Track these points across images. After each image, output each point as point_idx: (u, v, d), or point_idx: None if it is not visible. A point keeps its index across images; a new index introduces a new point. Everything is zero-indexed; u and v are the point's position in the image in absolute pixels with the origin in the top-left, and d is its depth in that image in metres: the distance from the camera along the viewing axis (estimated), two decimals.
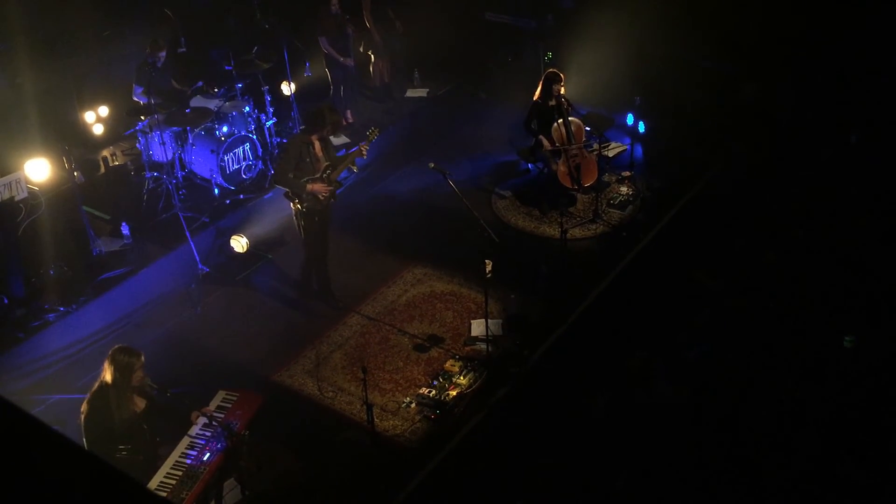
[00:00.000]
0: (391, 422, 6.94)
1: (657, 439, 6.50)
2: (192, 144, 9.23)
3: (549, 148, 9.30)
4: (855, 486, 6.11)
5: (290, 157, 7.53)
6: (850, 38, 9.94)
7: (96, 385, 5.65)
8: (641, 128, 10.57)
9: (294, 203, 7.62)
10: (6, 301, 7.75)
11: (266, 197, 9.48)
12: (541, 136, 9.35)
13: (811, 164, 9.45)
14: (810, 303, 7.71)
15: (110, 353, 5.64)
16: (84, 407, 5.60)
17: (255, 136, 9.50)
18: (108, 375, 5.59)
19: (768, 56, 10.46)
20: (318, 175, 7.57)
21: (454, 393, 7.13)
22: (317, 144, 7.61)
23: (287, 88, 10.28)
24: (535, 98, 9.37)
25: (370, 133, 7.92)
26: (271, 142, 9.89)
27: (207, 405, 6.11)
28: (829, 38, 10.00)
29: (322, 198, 7.61)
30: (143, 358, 5.67)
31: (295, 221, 7.79)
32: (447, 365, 7.45)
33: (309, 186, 7.50)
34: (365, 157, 7.86)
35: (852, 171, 9.25)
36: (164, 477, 5.58)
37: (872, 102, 9.86)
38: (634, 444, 6.47)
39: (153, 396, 5.81)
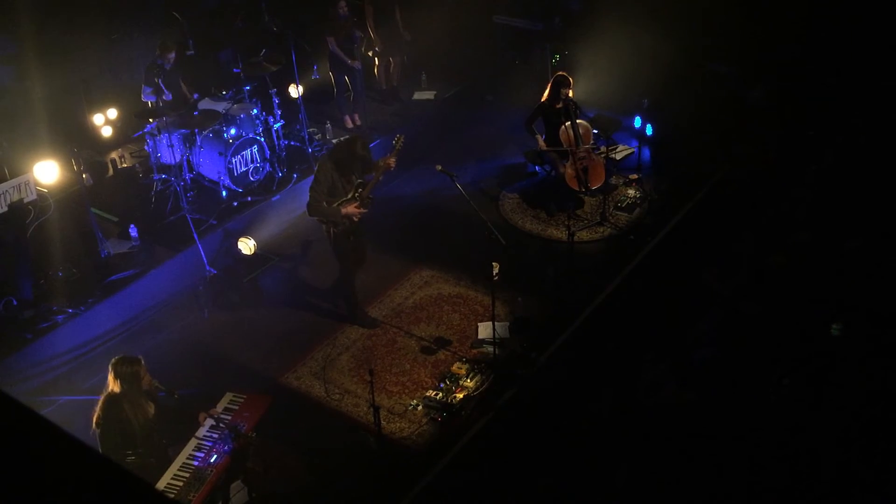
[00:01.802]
0: (398, 424, 6.95)
1: (663, 440, 6.49)
2: (200, 147, 9.25)
3: (544, 148, 9.33)
4: (859, 487, 6.10)
5: (321, 186, 7.32)
6: (854, 39, 9.92)
7: (104, 397, 5.64)
8: (649, 130, 10.57)
9: (328, 226, 7.50)
10: (15, 302, 7.78)
11: (273, 199, 9.49)
12: (537, 136, 9.37)
13: (817, 164, 9.43)
14: (816, 303, 7.69)
15: (111, 365, 5.63)
16: (97, 418, 5.59)
17: (262, 139, 9.52)
18: (115, 387, 5.59)
19: (775, 59, 10.45)
20: (349, 196, 7.43)
21: (461, 395, 7.13)
22: None
23: (295, 91, 10.29)
24: (542, 100, 9.38)
25: (396, 141, 7.63)
26: (279, 144, 9.90)
27: (215, 407, 6.12)
28: (834, 41, 9.98)
29: (356, 219, 7.47)
30: (143, 362, 5.68)
31: (328, 241, 7.67)
32: (454, 367, 7.45)
33: (343, 210, 7.33)
34: (393, 168, 7.59)
35: (857, 173, 9.23)
36: (172, 478, 5.60)
37: (877, 103, 9.84)
38: (639, 445, 6.46)
39: (160, 398, 5.82)
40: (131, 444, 5.61)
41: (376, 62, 11.53)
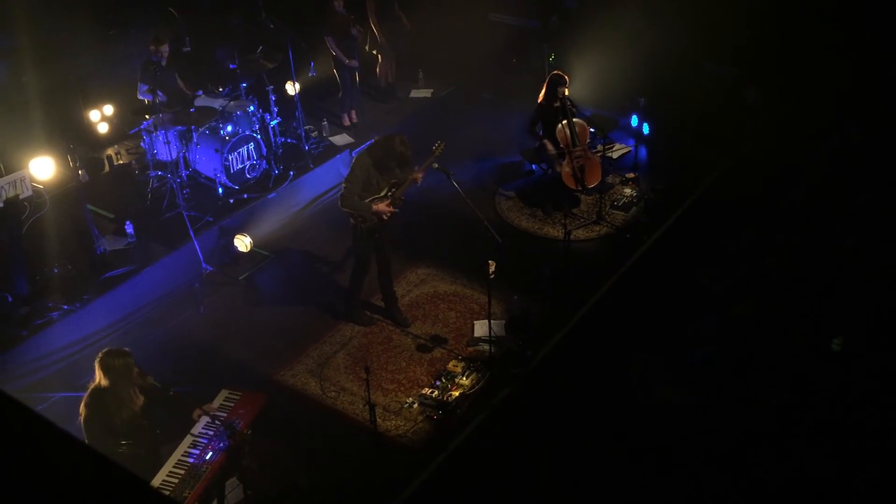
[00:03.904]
0: (394, 422, 6.95)
1: (655, 440, 6.51)
2: (197, 143, 9.24)
3: (554, 152, 9.29)
4: (855, 488, 6.11)
5: (356, 180, 7.32)
6: (851, 37, 9.94)
7: (91, 388, 5.62)
8: (645, 129, 10.57)
9: (356, 221, 7.46)
10: (10, 299, 7.77)
11: (270, 197, 9.49)
12: (545, 140, 9.33)
13: (812, 164, 9.45)
14: (810, 306, 7.71)
15: (100, 358, 5.59)
16: (82, 409, 5.58)
17: (259, 136, 9.51)
18: (102, 380, 5.56)
19: (771, 58, 10.47)
20: (381, 194, 7.41)
21: (457, 393, 7.13)
22: None
23: (291, 88, 10.29)
24: (539, 101, 9.37)
25: (436, 147, 7.54)
26: (275, 141, 9.90)
27: (210, 404, 6.12)
28: (831, 39, 10.00)
29: (386, 218, 7.45)
30: (132, 356, 5.64)
31: (352, 236, 7.65)
32: (450, 365, 7.45)
33: (374, 207, 7.33)
34: (420, 182, 7.51)
35: (853, 172, 9.25)
36: (167, 476, 5.59)
37: (874, 102, 9.85)
38: (634, 445, 6.47)
39: (156, 394, 5.80)
40: (116, 437, 5.59)
41: (380, 59, 11.52)
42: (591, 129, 9.67)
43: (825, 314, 7.57)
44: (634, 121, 10.64)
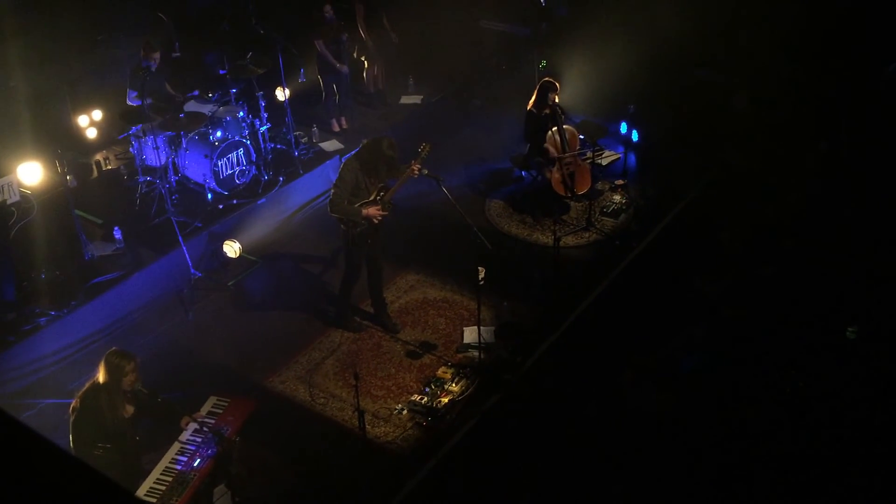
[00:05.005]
0: (383, 428, 6.93)
1: (645, 447, 6.51)
2: (186, 149, 9.21)
3: (557, 155, 9.25)
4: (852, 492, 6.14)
5: (345, 185, 7.29)
6: (840, 43, 10.01)
7: (89, 383, 5.64)
8: (635, 136, 10.60)
9: (347, 227, 7.44)
10: None
11: (259, 202, 9.47)
12: (546, 146, 9.28)
13: (803, 171, 9.50)
14: (806, 311, 7.74)
15: (105, 355, 5.62)
16: (76, 403, 5.58)
17: (248, 142, 9.49)
18: (101, 376, 5.58)
19: (760, 65, 10.53)
20: (370, 198, 7.40)
21: (446, 400, 7.12)
22: None
23: (281, 94, 10.27)
24: (529, 107, 9.39)
25: (422, 149, 7.49)
26: (265, 147, 9.88)
27: (198, 411, 6.09)
28: (820, 46, 10.07)
29: (376, 221, 7.42)
30: (134, 362, 5.63)
31: (344, 241, 7.62)
32: (439, 372, 7.44)
33: (364, 211, 7.30)
34: (417, 175, 7.40)
35: (846, 177, 9.30)
36: (154, 483, 5.57)
37: (866, 107, 9.91)
38: (625, 452, 6.48)
39: (143, 401, 5.78)
40: (100, 438, 5.56)
41: (366, 65, 11.53)
42: (581, 136, 9.69)
43: (821, 318, 7.60)
44: (624, 128, 10.67)
